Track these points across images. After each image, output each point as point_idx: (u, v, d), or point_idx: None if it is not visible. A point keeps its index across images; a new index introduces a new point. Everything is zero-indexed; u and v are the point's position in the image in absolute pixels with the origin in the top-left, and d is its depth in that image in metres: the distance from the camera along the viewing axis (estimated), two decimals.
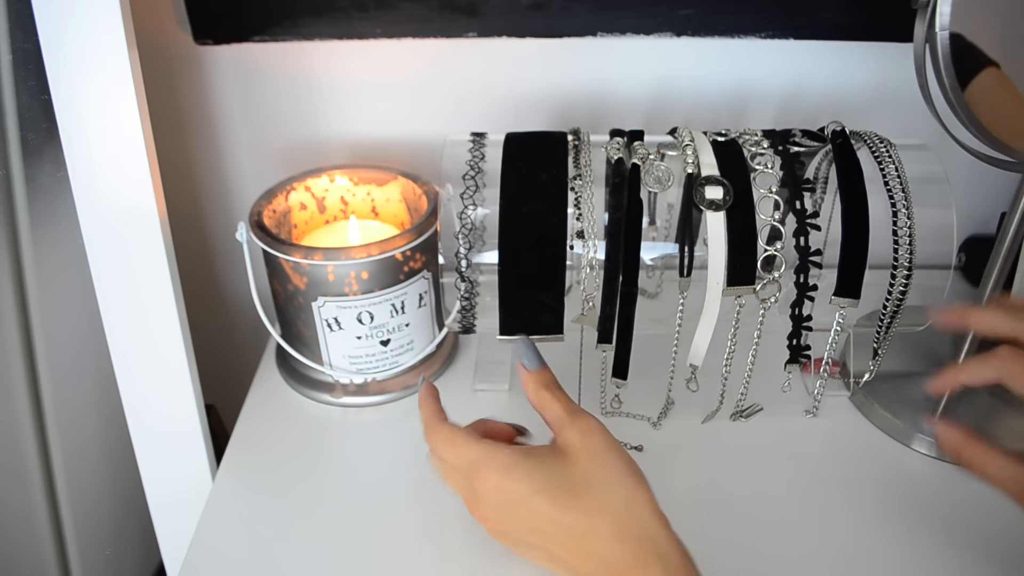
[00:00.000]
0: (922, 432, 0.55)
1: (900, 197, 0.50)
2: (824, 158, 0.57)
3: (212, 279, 0.80)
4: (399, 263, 0.55)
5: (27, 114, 0.47)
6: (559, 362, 0.60)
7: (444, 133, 0.56)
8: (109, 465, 0.61)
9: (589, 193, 0.51)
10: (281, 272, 0.56)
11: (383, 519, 0.50)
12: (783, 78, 0.70)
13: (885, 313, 0.53)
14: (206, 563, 0.47)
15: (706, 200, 0.49)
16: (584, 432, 0.40)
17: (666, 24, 0.66)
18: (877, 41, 0.68)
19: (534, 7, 0.64)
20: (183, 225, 0.69)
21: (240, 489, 0.53)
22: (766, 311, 0.51)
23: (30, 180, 0.49)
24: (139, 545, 0.65)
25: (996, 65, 0.47)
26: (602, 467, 0.38)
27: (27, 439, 0.53)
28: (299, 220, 0.64)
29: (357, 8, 0.64)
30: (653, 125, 0.65)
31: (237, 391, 0.62)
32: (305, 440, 0.57)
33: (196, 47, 0.66)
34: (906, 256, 0.50)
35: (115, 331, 0.50)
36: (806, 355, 0.53)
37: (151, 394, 0.52)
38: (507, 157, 0.51)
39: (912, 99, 0.52)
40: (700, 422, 0.57)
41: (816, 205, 0.59)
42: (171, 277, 0.49)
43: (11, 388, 0.51)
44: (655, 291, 0.69)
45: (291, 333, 0.59)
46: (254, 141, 0.72)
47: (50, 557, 0.57)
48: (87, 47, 0.43)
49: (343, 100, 0.70)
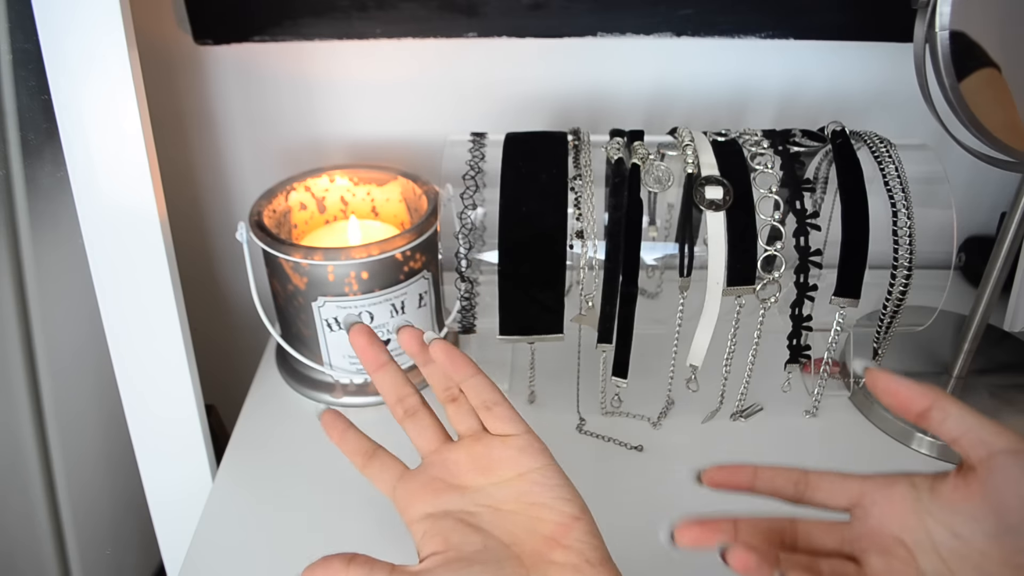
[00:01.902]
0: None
1: (900, 197, 0.50)
2: (824, 158, 0.57)
3: (212, 279, 0.80)
4: (399, 263, 0.55)
5: (27, 114, 0.47)
6: (559, 362, 0.60)
7: (444, 133, 0.56)
8: (109, 465, 0.61)
9: (589, 193, 0.51)
10: (281, 272, 0.56)
11: (383, 519, 0.50)
12: (783, 78, 0.70)
13: (885, 313, 0.53)
14: (206, 563, 0.47)
15: (706, 200, 0.49)
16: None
17: (666, 24, 0.66)
18: (877, 41, 0.68)
19: (534, 7, 0.64)
20: (183, 225, 0.69)
21: (240, 489, 0.53)
22: (766, 311, 0.51)
23: (30, 180, 0.49)
24: (139, 545, 0.65)
25: (996, 67, 0.47)
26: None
27: (27, 439, 0.53)
28: (299, 220, 0.64)
29: (357, 8, 0.64)
30: (653, 125, 0.65)
31: (237, 391, 0.62)
32: (305, 440, 0.57)
33: (196, 47, 0.66)
34: (906, 256, 0.50)
35: (115, 331, 0.50)
36: (806, 355, 0.53)
37: (151, 394, 0.52)
38: (507, 157, 0.51)
39: (912, 99, 0.52)
40: (700, 422, 0.57)
41: (816, 205, 0.59)
42: (171, 277, 0.49)
43: (11, 388, 0.51)
44: (655, 291, 0.69)
45: (291, 333, 0.59)
46: (254, 141, 0.72)
47: (50, 557, 0.57)
48: (87, 47, 0.43)
49: (343, 100, 0.70)
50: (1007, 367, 0.61)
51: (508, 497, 0.37)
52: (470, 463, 0.38)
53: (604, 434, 0.56)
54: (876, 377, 0.34)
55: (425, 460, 0.40)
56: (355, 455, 0.41)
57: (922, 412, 0.33)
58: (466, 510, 0.37)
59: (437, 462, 0.39)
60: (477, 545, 0.35)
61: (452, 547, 0.35)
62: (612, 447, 0.56)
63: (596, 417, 0.58)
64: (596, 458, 0.55)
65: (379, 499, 0.52)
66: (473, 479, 0.38)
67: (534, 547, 0.35)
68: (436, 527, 0.36)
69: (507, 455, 0.38)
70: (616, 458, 0.55)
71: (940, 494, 0.32)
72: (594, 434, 0.56)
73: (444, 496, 0.37)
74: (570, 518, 0.35)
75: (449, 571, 0.33)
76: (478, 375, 0.39)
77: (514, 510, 0.36)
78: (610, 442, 0.56)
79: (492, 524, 0.36)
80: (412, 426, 0.41)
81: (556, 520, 0.35)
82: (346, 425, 0.42)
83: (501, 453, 0.38)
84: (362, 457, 0.41)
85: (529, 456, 0.37)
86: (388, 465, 0.40)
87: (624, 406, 0.58)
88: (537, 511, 0.36)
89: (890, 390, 0.34)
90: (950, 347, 0.61)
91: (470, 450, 0.39)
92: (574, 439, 0.56)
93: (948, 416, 0.32)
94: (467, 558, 0.34)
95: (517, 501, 0.36)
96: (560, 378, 0.60)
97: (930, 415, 0.33)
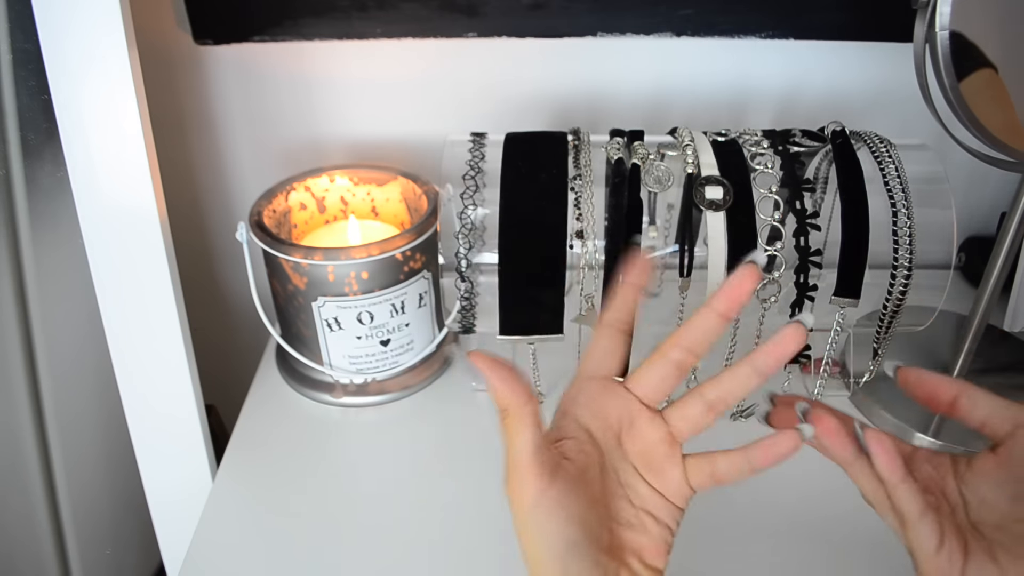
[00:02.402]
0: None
1: (900, 197, 0.50)
2: (824, 158, 0.57)
3: (212, 279, 0.80)
4: (399, 263, 0.55)
5: (27, 114, 0.47)
6: (559, 362, 0.60)
7: (444, 133, 0.56)
8: (109, 465, 0.61)
9: (589, 193, 0.51)
10: (281, 272, 0.55)
11: (383, 519, 0.50)
12: (783, 78, 0.70)
13: (885, 313, 0.53)
14: (206, 563, 0.47)
15: (706, 200, 0.49)
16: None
17: (666, 24, 0.66)
18: (877, 41, 0.68)
19: (534, 7, 0.64)
20: (183, 225, 0.69)
21: (240, 489, 0.53)
22: (766, 311, 0.51)
23: (30, 180, 0.49)
24: (139, 545, 0.65)
25: (993, 68, 0.47)
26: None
27: (27, 439, 0.53)
28: (299, 220, 0.64)
29: (357, 8, 0.64)
30: (653, 125, 0.65)
31: (237, 391, 0.62)
32: (305, 440, 0.57)
33: (196, 47, 0.66)
34: (906, 256, 0.50)
35: (115, 331, 0.50)
36: (806, 355, 0.53)
37: (151, 394, 0.52)
38: (507, 157, 0.51)
39: (912, 99, 0.52)
40: None
41: (816, 205, 0.59)
42: (171, 277, 0.49)
43: (11, 388, 0.51)
44: (655, 291, 0.69)
45: (291, 333, 0.59)
46: (254, 141, 0.72)
47: (50, 557, 0.57)
48: (87, 47, 0.43)
49: (343, 100, 0.70)
50: (1007, 367, 0.61)
51: (642, 492, 0.35)
52: (650, 452, 0.35)
53: None
54: (907, 372, 0.36)
55: (638, 407, 0.36)
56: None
57: (951, 400, 0.35)
58: (611, 464, 0.35)
59: (643, 416, 0.36)
60: (597, 493, 0.34)
61: (583, 470, 0.33)
62: None
63: None
64: None
65: (379, 499, 0.52)
66: (638, 457, 0.36)
67: (615, 540, 0.34)
68: (581, 444, 0.34)
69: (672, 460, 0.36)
70: None
71: (974, 468, 0.35)
72: None
73: (602, 432, 0.35)
74: (666, 545, 0.35)
75: (569, 485, 0.32)
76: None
77: (630, 499, 0.35)
78: None
79: (607, 491, 0.34)
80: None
81: (653, 541, 0.34)
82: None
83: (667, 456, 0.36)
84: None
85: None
86: (611, 353, 0.37)
87: None
88: (644, 518, 0.35)
89: (921, 382, 0.36)
90: (950, 347, 0.61)
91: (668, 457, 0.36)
92: None
93: (976, 402, 0.35)
94: (589, 497, 0.33)
95: (644, 500, 0.35)
96: (560, 378, 0.60)
97: (959, 403, 0.35)
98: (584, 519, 0.32)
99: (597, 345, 0.38)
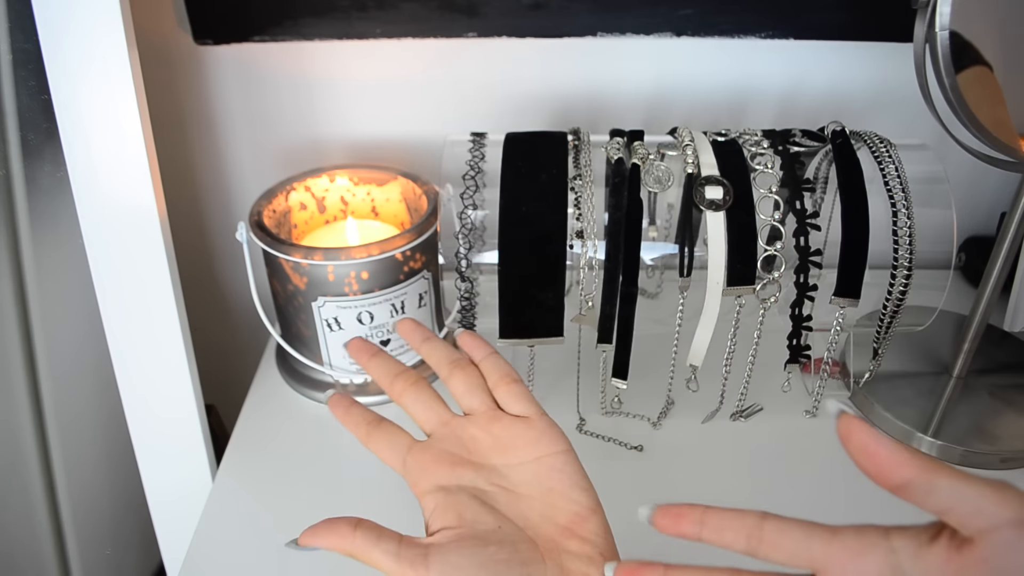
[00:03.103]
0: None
1: (900, 197, 0.50)
2: (824, 158, 0.57)
3: (212, 279, 0.80)
4: (399, 263, 0.55)
5: (27, 114, 0.47)
6: (559, 362, 0.60)
7: (444, 133, 0.56)
8: (109, 465, 0.61)
9: (589, 193, 0.51)
10: (281, 272, 0.56)
11: (383, 519, 0.50)
12: (783, 78, 0.70)
13: (885, 313, 0.53)
14: (206, 563, 0.47)
15: (706, 200, 0.49)
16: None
17: (666, 24, 0.66)
18: (877, 41, 0.68)
19: (534, 7, 0.64)
20: (183, 225, 0.69)
21: (240, 489, 0.53)
22: (766, 311, 0.51)
23: (30, 180, 0.49)
24: (139, 545, 0.65)
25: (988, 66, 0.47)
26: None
27: (27, 439, 0.53)
28: (299, 220, 0.64)
29: (357, 8, 0.64)
30: (653, 125, 0.65)
31: (237, 391, 0.62)
32: (305, 440, 0.57)
33: (196, 47, 0.66)
34: (906, 256, 0.50)
35: (115, 331, 0.50)
36: (806, 355, 0.53)
37: (151, 394, 0.52)
38: (507, 157, 0.51)
39: (912, 99, 0.52)
40: (700, 422, 0.57)
41: (816, 205, 0.59)
42: (171, 277, 0.49)
43: (11, 388, 0.51)
44: (655, 291, 0.69)
45: (291, 333, 0.59)
46: (254, 141, 0.72)
47: (50, 557, 0.57)
48: (87, 47, 0.43)
49: (343, 100, 0.70)
50: (1007, 367, 0.61)
51: (524, 480, 0.36)
52: (488, 440, 0.37)
53: (604, 434, 0.56)
54: (850, 429, 0.29)
55: (435, 433, 0.38)
56: (358, 426, 0.39)
57: (902, 484, 0.27)
58: (480, 488, 0.36)
59: (449, 436, 0.38)
60: (491, 524, 0.34)
61: (465, 524, 0.34)
62: (612, 447, 0.56)
63: (596, 417, 0.58)
64: (596, 458, 0.55)
65: (379, 499, 0.52)
66: (489, 457, 0.37)
67: (549, 534, 0.34)
68: (449, 501, 0.35)
69: (526, 437, 0.37)
70: (616, 458, 0.55)
71: (928, 565, 0.27)
72: (594, 434, 0.56)
73: (458, 470, 0.36)
74: (587, 509, 0.35)
75: (462, 547, 0.32)
76: (495, 355, 0.39)
77: (529, 494, 0.36)
78: (610, 442, 0.56)
79: (507, 505, 0.35)
80: (413, 398, 0.39)
81: (573, 510, 0.35)
82: (350, 402, 0.40)
83: (521, 434, 0.37)
84: (365, 427, 0.38)
85: (549, 440, 0.37)
86: (395, 435, 0.38)
87: (624, 406, 0.58)
88: (554, 498, 0.35)
89: (867, 450, 0.28)
90: (950, 347, 0.61)
91: (487, 427, 0.37)
92: (574, 439, 0.55)
93: (935, 489, 0.26)
94: (481, 536, 0.33)
95: (533, 485, 0.36)
96: (560, 378, 0.60)
97: (911, 487, 0.27)
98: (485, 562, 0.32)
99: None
